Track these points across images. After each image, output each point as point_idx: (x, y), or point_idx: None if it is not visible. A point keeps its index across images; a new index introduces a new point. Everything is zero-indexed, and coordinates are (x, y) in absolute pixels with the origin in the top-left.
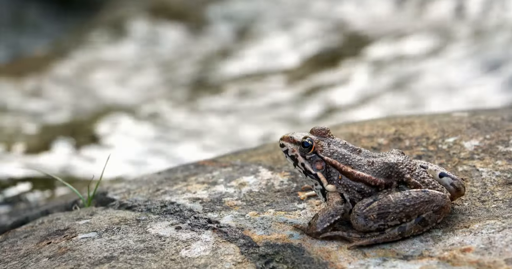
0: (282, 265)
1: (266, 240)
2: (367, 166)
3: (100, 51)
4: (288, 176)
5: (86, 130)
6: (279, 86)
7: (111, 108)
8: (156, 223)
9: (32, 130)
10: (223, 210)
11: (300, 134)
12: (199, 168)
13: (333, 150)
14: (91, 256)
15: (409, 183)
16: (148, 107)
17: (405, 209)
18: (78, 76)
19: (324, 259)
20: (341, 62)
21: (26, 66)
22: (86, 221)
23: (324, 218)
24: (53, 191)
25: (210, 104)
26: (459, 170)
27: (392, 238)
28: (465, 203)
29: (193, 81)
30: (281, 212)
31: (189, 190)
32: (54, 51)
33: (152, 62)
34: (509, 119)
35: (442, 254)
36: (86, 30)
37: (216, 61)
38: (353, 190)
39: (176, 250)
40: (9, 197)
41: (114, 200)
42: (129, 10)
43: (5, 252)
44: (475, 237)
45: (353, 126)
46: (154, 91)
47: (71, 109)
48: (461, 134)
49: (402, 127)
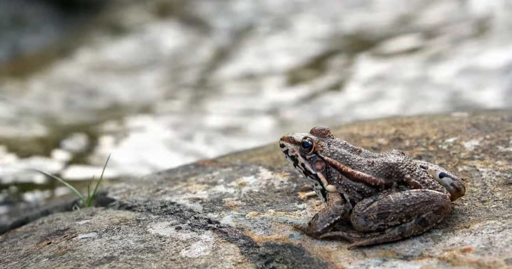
0: (282, 265)
1: (266, 240)
2: (367, 166)
3: (101, 51)
4: (288, 176)
5: (86, 130)
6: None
7: (111, 108)
8: (156, 223)
9: (33, 130)
10: (223, 210)
11: (300, 134)
12: (199, 168)
13: (333, 150)
14: (91, 256)
15: (409, 183)
16: (148, 107)
17: (405, 209)
18: (78, 76)
19: (324, 259)
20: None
21: (27, 66)
22: (86, 221)
23: (324, 218)
24: (53, 191)
25: (210, 104)
26: (459, 170)
27: (392, 238)
28: (465, 203)
29: (194, 81)
30: (281, 212)
31: (189, 190)
32: (54, 51)
33: (152, 61)
34: (509, 119)
35: (442, 254)
36: (87, 30)
37: (216, 61)
38: (353, 190)
39: (176, 250)
40: (9, 197)
41: (114, 200)
42: (130, 11)
43: (5, 252)
44: (475, 237)
45: (353, 126)
46: (154, 91)
47: (72, 109)
48: (461, 134)
49: (402, 127)
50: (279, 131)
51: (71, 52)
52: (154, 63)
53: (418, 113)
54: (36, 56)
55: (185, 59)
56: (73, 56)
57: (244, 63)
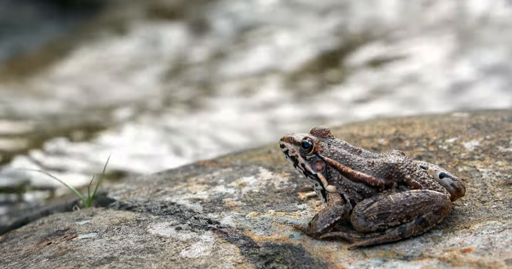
0: (283, 265)
1: (266, 241)
2: (367, 166)
3: (101, 51)
4: (288, 176)
5: (86, 130)
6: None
7: (111, 108)
8: (156, 224)
9: (33, 130)
10: (223, 211)
11: (300, 134)
12: (199, 168)
13: (333, 151)
14: (91, 256)
15: (409, 184)
16: (148, 107)
17: (406, 210)
18: (79, 75)
19: (324, 260)
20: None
21: (27, 66)
22: (86, 222)
23: (324, 218)
24: (53, 191)
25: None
26: (459, 171)
27: (392, 239)
28: (466, 203)
29: (194, 81)
30: (281, 212)
31: (189, 190)
32: (54, 51)
33: (152, 61)
34: (509, 120)
35: (443, 255)
36: (87, 30)
37: (216, 61)
38: (353, 191)
39: (176, 251)
40: (9, 198)
41: (114, 200)
42: (130, 10)
43: (5, 252)
44: (476, 237)
45: (353, 126)
46: (154, 91)
47: (72, 108)
48: (461, 135)
49: (402, 127)
50: (278, 131)
51: (71, 52)
52: (154, 63)
53: (418, 113)
54: (36, 56)
55: (185, 59)
56: (72, 56)
57: (245, 63)
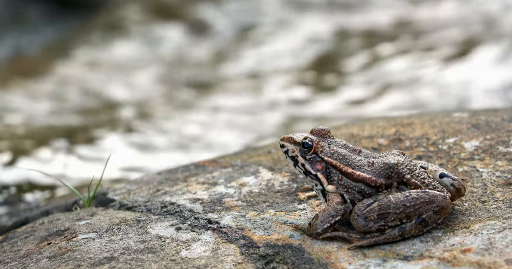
0: (283, 265)
1: (266, 241)
2: (367, 166)
3: (101, 51)
4: (288, 176)
5: (87, 130)
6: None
7: (111, 108)
8: (156, 224)
9: (33, 130)
10: (223, 211)
11: (301, 134)
12: (199, 168)
13: (333, 151)
14: (91, 256)
15: (409, 184)
16: (148, 107)
17: (406, 210)
18: (79, 76)
19: (324, 260)
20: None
21: (27, 66)
22: (86, 222)
23: (324, 218)
24: (53, 191)
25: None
26: (459, 171)
27: (392, 239)
28: (466, 203)
29: (194, 81)
30: (281, 212)
31: (189, 190)
32: (55, 51)
33: (152, 62)
34: (509, 120)
35: (443, 255)
36: (87, 30)
37: (216, 61)
38: (353, 191)
39: (176, 251)
40: (9, 198)
41: (114, 200)
42: (129, 10)
43: (5, 252)
44: (476, 237)
45: (353, 126)
46: (154, 91)
47: (72, 108)
48: (461, 135)
49: (402, 127)
50: (278, 131)
51: (71, 52)
52: (154, 63)
53: (418, 113)
54: (36, 56)
55: (185, 59)
56: (73, 56)
57: (246, 62)
